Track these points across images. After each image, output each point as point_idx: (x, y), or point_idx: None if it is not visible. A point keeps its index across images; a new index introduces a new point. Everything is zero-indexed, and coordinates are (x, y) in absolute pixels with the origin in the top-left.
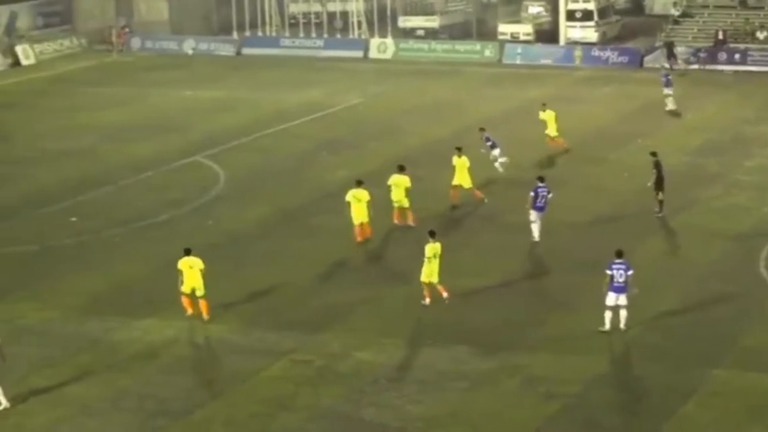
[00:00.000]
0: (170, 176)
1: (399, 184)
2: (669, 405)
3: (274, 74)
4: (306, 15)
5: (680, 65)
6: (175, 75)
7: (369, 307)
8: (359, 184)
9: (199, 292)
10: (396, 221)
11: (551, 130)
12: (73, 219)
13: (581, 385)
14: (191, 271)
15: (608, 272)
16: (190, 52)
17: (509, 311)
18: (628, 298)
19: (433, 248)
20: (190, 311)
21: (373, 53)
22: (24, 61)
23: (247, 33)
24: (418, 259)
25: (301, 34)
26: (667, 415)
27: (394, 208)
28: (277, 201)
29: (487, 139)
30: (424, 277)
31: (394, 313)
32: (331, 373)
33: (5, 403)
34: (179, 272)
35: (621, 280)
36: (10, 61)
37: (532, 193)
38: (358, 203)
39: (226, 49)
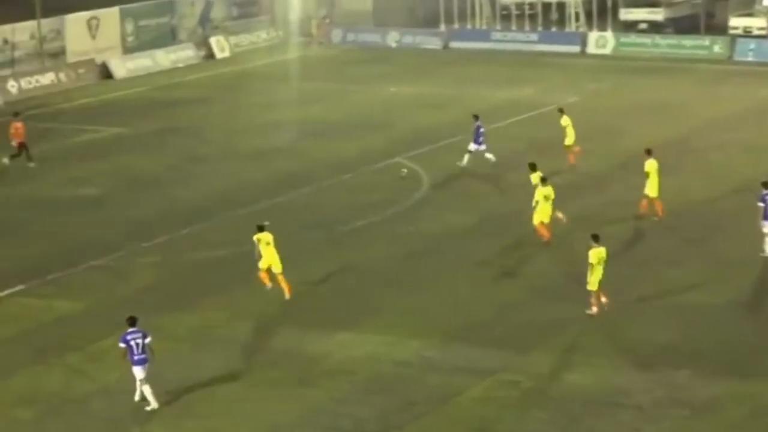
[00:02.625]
0: (371, 178)
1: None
2: None
3: (483, 70)
4: (519, 6)
5: None
6: (378, 70)
7: (581, 324)
8: (544, 181)
9: (276, 269)
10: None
11: (569, 139)
12: (267, 222)
13: None
14: (268, 248)
15: None
16: (394, 45)
17: (736, 332)
18: None
19: (597, 253)
20: (269, 284)
21: (591, 48)
22: (218, 54)
23: (455, 25)
24: (640, 272)
25: (514, 27)
26: None
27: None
28: (483, 207)
29: (478, 128)
30: (591, 286)
31: (607, 332)
32: (539, 396)
33: (154, 404)
34: (255, 244)
35: None
36: (203, 53)
37: (760, 203)
38: (546, 202)
39: (432, 43)
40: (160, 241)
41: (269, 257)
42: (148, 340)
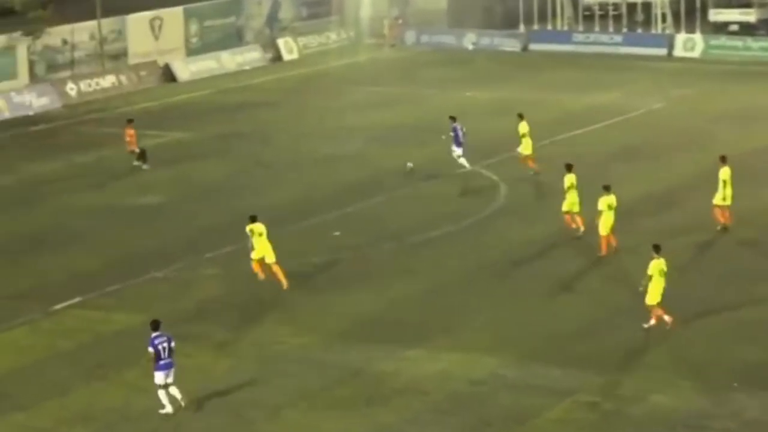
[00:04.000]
0: (446, 186)
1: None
2: None
3: (565, 74)
4: (603, 6)
5: None
6: (453, 73)
7: (664, 344)
8: (607, 189)
9: (269, 259)
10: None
11: (527, 148)
12: (337, 233)
13: None
14: (261, 239)
15: None
16: (471, 47)
17: None
18: None
19: (657, 265)
20: (262, 276)
21: (678, 51)
22: (286, 56)
23: (535, 26)
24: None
25: (597, 29)
26: None
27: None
28: (561, 218)
29: (455, 130)
30: (650, 299)
31: (691, 351)
32: (621, 419)
33: (168, 409)
34: (248, 236)
35: None
36: (270, 55)
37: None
38: (609, 211)
39: (510, 45)
40: (224, 251)
41: (262, 248)
42: (173, 344)
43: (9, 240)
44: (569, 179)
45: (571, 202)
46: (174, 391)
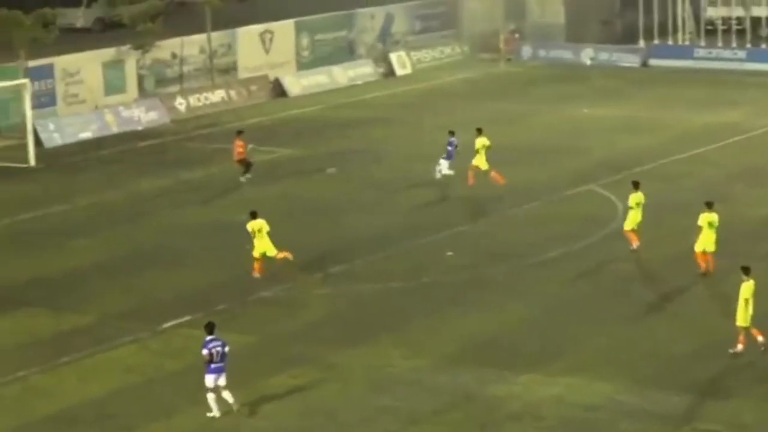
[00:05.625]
0: (561, 206)
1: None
2: None
3: (686, 90)
4: (726, 21)
5: None
6: (570, 89)
7: None
8: (710, 206)
9: (270, 253)
10: None
11: (481, 162)
12: (449, 253)
13: None
14: (260, 235)
15: None
16: (588, 62)
17: None
18: None
19: (748, 288)
20: (258, 274)
21: None
22: (399, 71)
23: (656, 41)
24: None
25: (719, 44)
26: None
27: None
28: (682, 240)
29: (450, 145)
30: (740, 321)
31: None
32: None
33: (216, 413)
34: (251, 234)
35: None
36: (382, 70)
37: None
38: (709, 228)
39: (629, 60)
40: (334, 271)
41: (262, 245)
42: (227, 348)
43: (116, 257)
44: (636, 198)
45: (633, 220)
46: (227, 395)
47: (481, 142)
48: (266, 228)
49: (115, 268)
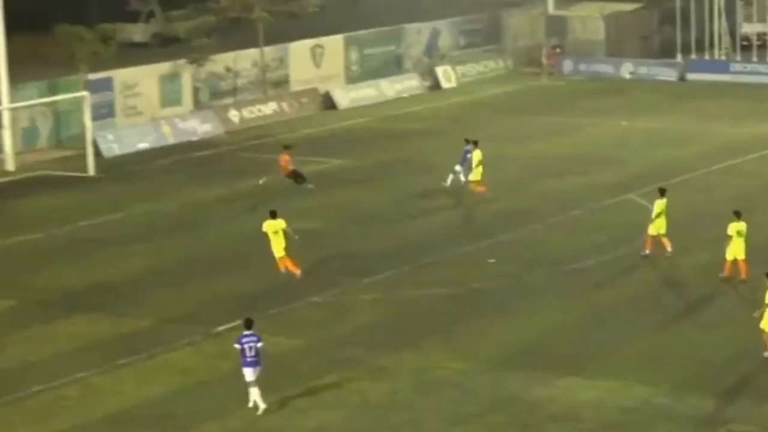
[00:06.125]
0: (600, 215)
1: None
2: None
3: (722, 103)
4: (761, 36)
5: None
6: (610, 102)
7: None
8: (738, 215)
9: (278, 254)
10: None
11: (476, 174)
12: (492, 260)
13: None
14: (276, 236)
15: None
16: (628, 76)
17: None
18: None
19: None
20: (298, 271)
21: None
22: (444, 84)
23: (693, 56)
24: None
25: (755, 58)
26: None
27: None
28: (716, 248)
29: (466, 152)
30: (765, 325)
31: None
32: None
33: (262, 406)
34: (266, 236)
35: None
36: (429, 83)
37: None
38: (738, 237)
39: (667, 74)
40: (382, 277)
41: (278, 244)
42: (260, 344)
43: (173, 264)
44: (660, 205)
45: (659, 226)
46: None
47: (478, 156)
48: (282, 226)
49: (170, 273)
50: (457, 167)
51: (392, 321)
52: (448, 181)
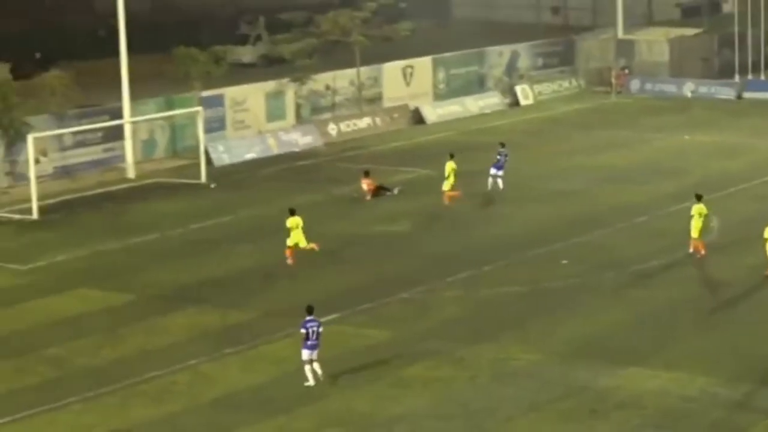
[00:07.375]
0: (664, 221)
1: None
2: None
3: None
4: None
5: None
6: (673, 119)
7: None
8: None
9: (302, 245)
10: None
11: (446, 184)
12: (565, 261)
13: None
14: (297, 230)
15: None
16: (689, 94)
17: None
18: None
19: None
20: (291, 262)
21: None
22: (522, 101)
23: (749, 76)
24: None
25: None
26: None
27: None
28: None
29: (500, 155)
30: None
31: None
32: None
33: (311, 381)
34: (289, 230)
35: None
36: (508, 100)
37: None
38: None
39: (726, 93)
40: (463, 276)
41: (296, 237)
42: (321, 329)
43: (274, 262)
44: (698, 209)
45: (696, 228)
46: (316, 366)
47: (451, 166)
48: (301, 224)
49: (273, 271)
50: (493, 170)
51: (472, 316)
52: (492, 181)
